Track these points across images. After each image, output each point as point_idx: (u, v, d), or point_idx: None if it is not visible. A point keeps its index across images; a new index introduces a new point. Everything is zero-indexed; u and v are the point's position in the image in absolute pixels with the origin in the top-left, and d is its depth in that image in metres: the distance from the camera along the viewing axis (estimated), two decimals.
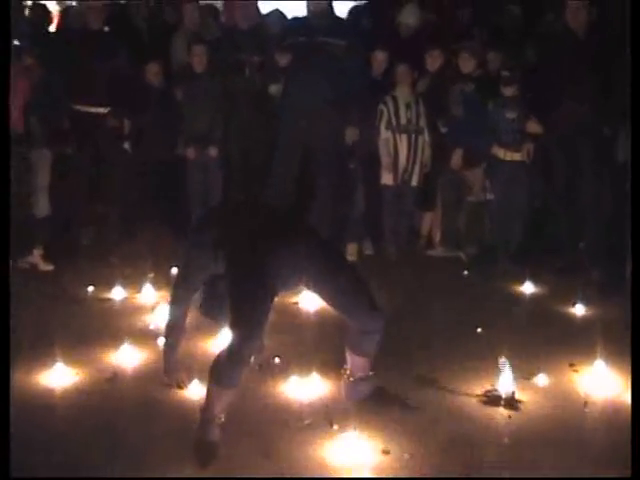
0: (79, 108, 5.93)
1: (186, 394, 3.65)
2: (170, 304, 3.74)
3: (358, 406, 3.53)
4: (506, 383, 3.65)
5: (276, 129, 6.10)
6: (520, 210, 5.99)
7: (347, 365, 3.60)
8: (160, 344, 3.92)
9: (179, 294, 3.67)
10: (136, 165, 6.32)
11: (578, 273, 5.51)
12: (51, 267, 5.58)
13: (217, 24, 7.01)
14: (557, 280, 5.48)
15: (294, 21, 6.35)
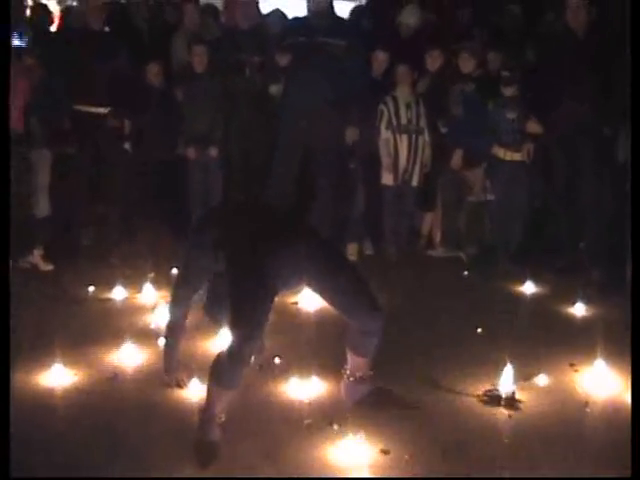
0: (79, 108, 5.91)
1: (186, 394, 3.65)
2: (170, 304, 3.75)
3: (358, 406, 3.54)
4: (506, 383, 3.66)
5: (276, 129, 6.09)
6: (520, 210, 5.99)
7: (347, 365, 3.60)
8: (160, 344, 3.92)
9: (180, 294, 3.67)
10: (136, 165, 6.30)
11: (578, 273, 5.52)
12: (51, 267, 5.58)
13: (217, 24, 7.01)
14: (557, 280, 5.49)
15: (294, 21, 6.35)
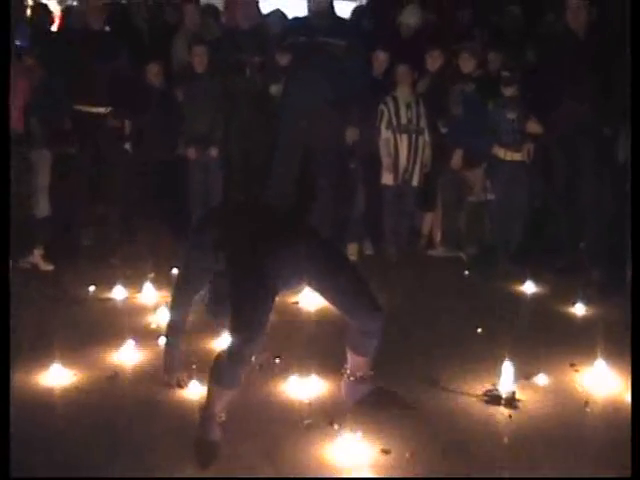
0: (80, 108, 5.91)
1: (186, 394, 3.65)
2: (171, 304, 3.76)
3: (358, 406, 3.54)
4: (506, 383, 3.66)
5: (276, 129, 6.09)
6: (520, 210, 5.99)
7: (347, 365, 3.60)
8: (161, 344, 3.92)
9: (180, 294, 3.68)
10: (137, 165, 6.31)
11: (578, 273, 5.52)
12: (51, 267, 5.58)
13: (218, 24, 7.01)
14: (557, 280, 5.49)
15: (295, 21, 6.34)
